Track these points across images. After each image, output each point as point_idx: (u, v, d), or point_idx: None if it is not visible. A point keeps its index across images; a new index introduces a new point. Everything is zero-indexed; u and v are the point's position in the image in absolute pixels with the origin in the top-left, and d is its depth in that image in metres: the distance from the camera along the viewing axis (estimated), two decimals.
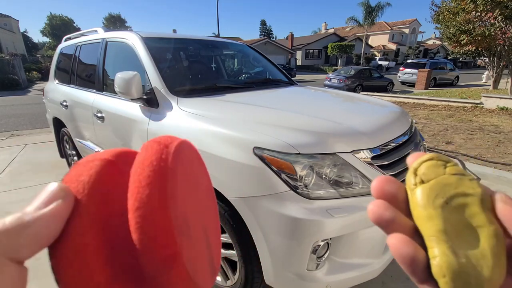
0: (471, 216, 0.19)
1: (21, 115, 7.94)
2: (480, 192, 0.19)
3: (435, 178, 0.20)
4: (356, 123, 1.40)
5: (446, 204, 0.19)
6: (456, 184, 0.20)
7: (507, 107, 6.57)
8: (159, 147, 0.21)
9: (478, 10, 8.14)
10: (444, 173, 0.20)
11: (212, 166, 1.31)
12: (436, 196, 0.20)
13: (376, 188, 0.22)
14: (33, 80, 19.81)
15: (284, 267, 1.17)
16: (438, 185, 0.20)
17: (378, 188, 0.22)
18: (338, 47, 34.05)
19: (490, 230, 0.18)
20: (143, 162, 0.20)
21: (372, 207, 0.22)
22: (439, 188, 0.20)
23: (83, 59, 2.77)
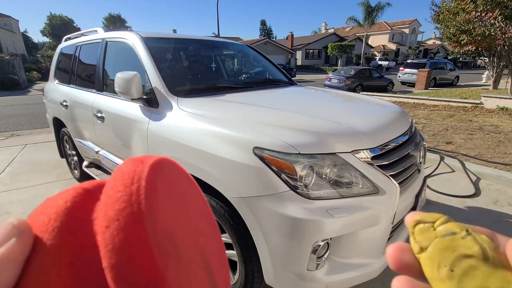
0: (484, 279, 0.17)
1: (21, 115, 7.95)
2: (478, 251, 0.18)
3: (430, 245, 0.19)
4: (356, 123, 1.40)
5: (451, 272, 0.18)
6: (451, 246, 0.18)
7: (507, 107, 6.57)
8: (134, 163, 0.19)
9: (478, 10, 8.14)
10: (436, 236, 0.19)
11: (212, 166, 1.31)
12: (438, 266, 0.18)
13: (392, 258, 0.21)
14: (33, 80, 19.81)
15: (284, 267, 1.17)
16: (435, 252, 0.19)
17: (395, 259, 0.20)
18: (338, 47, 34.04)
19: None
20: (115, 178, 0.18)
21: (398, 285, 0.20)
22: (438, 255, 0.18)
23: (83, 59, 2.77)
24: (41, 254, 0.16)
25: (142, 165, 0.19)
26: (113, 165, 2.25)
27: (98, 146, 2.44)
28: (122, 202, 0.16)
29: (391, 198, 1.24)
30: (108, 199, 0.17)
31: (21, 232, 0.16)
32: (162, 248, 0.16)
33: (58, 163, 3.76)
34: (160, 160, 0.20)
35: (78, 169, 3.07)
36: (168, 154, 1.55)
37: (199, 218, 0.24)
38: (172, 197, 0.20)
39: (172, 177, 0.21)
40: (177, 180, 0.22)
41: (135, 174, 0.18)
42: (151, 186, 0.18)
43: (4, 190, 3.02)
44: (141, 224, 0.16)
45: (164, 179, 0.19)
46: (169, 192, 0.20)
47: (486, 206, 2.60)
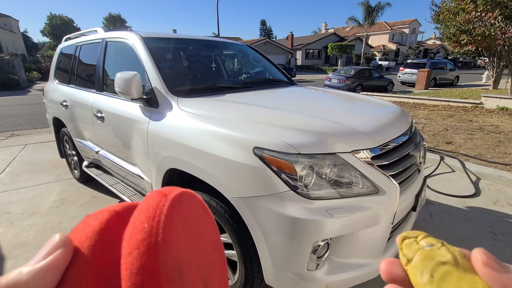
0: (457, 282, 0.20)
1: (21, 115, 7.95)
2: (451, 258, 0.21)
3: (414, 256, 0.23)
4: (356, 123, 1.40)
5: (432, 277, 0.21)
6: (430, 256, 0.22)
7: (507, 107, 6.57)
8: (158, 196, 0.22)
9: (478, 10, 8.14)
10: (419, 248, 0.23)
11: (212, 166, 1.31)
12: (421, 273, 0.21)
13: (384, 271, 0.24)
14: (33, 80, 19.80)
15: (284, 267, 1.17)
16: (418, 261, 0.22)
17: (387, 272, 0.24)
18: (338, 47, 34.02)
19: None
20: (141, 209, 0.21)
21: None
22: (420, 264, 0.22)
23: (83, 59, 2.77)
24: (77, 267, 0.19)
25: (165, 200, 0.22)
26: (113, 165, 2.25)
27: (98, 146, 2.44)
28: (144, 233, 0.19)
29: (391, 198, 1.24)
30: (133, 228, 0.20)
31: (65, 245, 0.20)
32: (170, 277, 0.19)
33: (58, 163, 3.76)
34: (180, 194, 0.23)
35: (78, 169, 3.07)
36: (168, 154, 1.55)
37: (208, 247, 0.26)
38: (186, 228, 0.23)
39: (189, 209, 0.24)
40: (194, 212, 0.25)
41: (158, 208, 0.21)
42: (168, 220, 0.20)
43: (4, 190, 3.02)
44: (155, 254, 0.18)
45: (182, 212, 0.22)
46: (184, 224, 0.22)
47: (486, 206, 2.60)
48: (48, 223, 2.41)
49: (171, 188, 0.23)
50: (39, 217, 2.49)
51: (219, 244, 0.29)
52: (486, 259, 0.20)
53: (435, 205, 2.63)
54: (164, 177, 1.62)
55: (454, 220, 2.39)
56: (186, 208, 0.23)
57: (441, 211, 2.54)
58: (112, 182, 2.39)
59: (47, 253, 0.19)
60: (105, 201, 2.77)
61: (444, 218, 2.42)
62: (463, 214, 2.48)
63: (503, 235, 2.19)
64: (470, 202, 2.69)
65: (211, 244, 0.27)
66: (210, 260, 0.26)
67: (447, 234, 2.19)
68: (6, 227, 2.35)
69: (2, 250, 2.07)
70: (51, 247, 0.20)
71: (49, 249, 0.19)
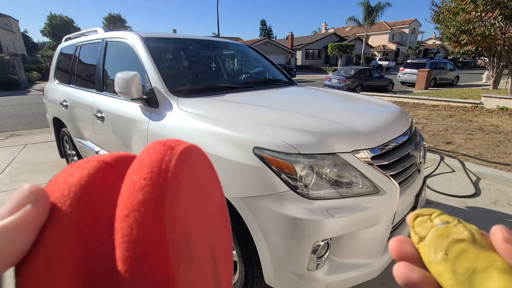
0: (474, 260, 0.19)
1: (21, 115, 7.94)
2: (468, 235, 0.20)
3: (427, 234, 0.22)
4: (356, 123, 1.40)
5: (446, 255, 0.20)
6: (446, 233, 0.21)
7: (507, 107, 6.57)
8: (162, 148, 0.18)
9: (478, 10, 8.14)
10: (433, 226, 0.22)
11: None
12: (435, 251, 0.21)
13: (394, 250, 0.23)
14: (33, 80, 19.80)
15: (284, 267, 1.17)
16: (432, 239, 0.21)
17: (397, 250, 0.23)
18: (338, 47, 34.03)
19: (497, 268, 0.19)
20: (142, 162, 0.17)
21: (398, 269, 0.22)
22: (434, 242, 0.21)
23: (83, 59, 2.77)
24: (56, 226, 0.16)
25: (171, 153, 0.18)
26: None
27: (98, 146, 2.44)
28: (146, 192, 0.16)
29: (391, 198, 1.24)
30: (132, 186, 0.16)
31: (38, 199, 0.16)
32: (177, 247, 0.16)
33: (58, 163, 3.76)
34: (188, 148, 0.20)
35: None
36: None
37: (215, 212, 0.23)
38: (194, 190, 0.19)
39: (197, 167, 0.21)
40: (201, 170, 0.21)
41: (163, 163, 0.17)
42: (176, 180, 0.17)
43: (4, 190, 3.02)
44: (161, 221, 0.15)
45: (190, 171, 0.19)
46: (192, 185, 0.19)
47: (486, 206, 2.60)
48: None
49: (175, 140, 0.20)
50: None
51: (225, 209, 0.25)
52: (508, 236, 0.19)
53: (435, 205, 2.63)
54: None
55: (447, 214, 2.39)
56: (194, 166, 0.20)
57: (441, 211, 2.53)
58: None
59: (13, 208, 0.15)
60: None
61: None
62: (463, 214, 2.47)
63: None
64: (470, 202, 2.69)
65: (218, 209, 0.24)
66: (216, 227, 0.23)
67: None
68: None
69: None
70: (19, 200, 0.15)
71: (16, 203, 0.15)
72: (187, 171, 0.18)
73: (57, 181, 0.17)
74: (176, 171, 0.17)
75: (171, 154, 0.18)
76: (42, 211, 0.16)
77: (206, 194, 0.21)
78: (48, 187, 0.17)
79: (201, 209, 0.20)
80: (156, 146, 0.19)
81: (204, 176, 0.22)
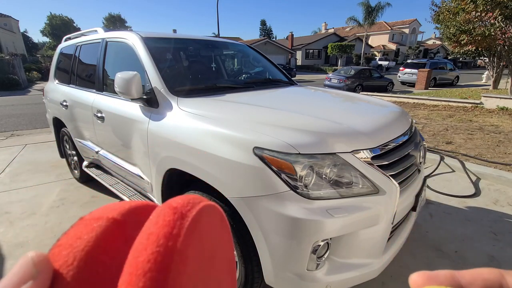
0: None
1: (21, 115, 7.95)
2: None
3: None
4: (356, 123, 1.40)
5: None
6: None
7: (507, 107, 6.57)
8: (172, 218, 0.17)
9: (478, 10, 8.14)
10: None
11: (212, 166, 1.31)
12: None
13: None
14: (33, 80, 19.80)
15: (284, 267, 1.17)
16: None
17: None
18: (338, 47, 34.02)
19: None
20: (149, 237, 0.16)
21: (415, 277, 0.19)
22: None
23: (83, 59, 2.77)
24: None
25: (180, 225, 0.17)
26: (113, 165, 2.25)
27: (98, 146, 2.44)
28: (148, 280, 0.15)
29: (391, 198, 1.24)
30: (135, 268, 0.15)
31: (40, 272, 0.15)
32: None
33: (58, 163, 3.76)
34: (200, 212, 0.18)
35: (78, 169, 3.07)
36: (168, 154, 1.55)
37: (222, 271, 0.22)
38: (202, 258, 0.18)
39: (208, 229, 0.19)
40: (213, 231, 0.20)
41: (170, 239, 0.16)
42: (182, 258, 0.16)
43: (4, 190, 3.02)
44: None
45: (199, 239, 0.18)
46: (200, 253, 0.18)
47: (486, 206, 2.60)
48: (48, 223, 2.41)
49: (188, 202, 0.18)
50: (39, 217, 2.49)
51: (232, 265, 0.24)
52: None
53: (435, 205, 2.63)
54: (164, 177, 1.62)
55: (454, 220, 2.39)
56: (205, 230, 0.19)
57: (441, 211, 2.54)
58: (112, 182, 2.39)
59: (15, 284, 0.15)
60: (105, 201, 2.77)
61: (444, 218, 2.42)
62: (463, 214, 2.48)
63: (503, 235, 2.19)
64: (470, 202, 2.69)
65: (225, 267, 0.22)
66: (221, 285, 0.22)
67: (447, 234, 2.19)
68: (6, 227, 2.35)
69: (2, 250, 2.07)
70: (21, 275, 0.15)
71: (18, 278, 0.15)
72: (196, 241, 0.17)
73: (63, 243, 0.17)
74: (183, 249, 0.16)
75: (180, 227, 0.17)
76: (43, 285, 0.15)
77: (215, 255, 0.20)
78: (54, 250, 0.17)
79: (207, 274, 0.19)
80: (166, 214, 0.17)
81: (214, 235, 0.21)
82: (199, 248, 0.18)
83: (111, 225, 0.18)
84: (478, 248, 2.04)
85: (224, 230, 0.23)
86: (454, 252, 2.00)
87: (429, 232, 2.22)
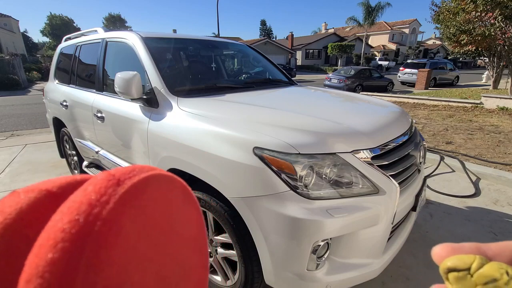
0: None
1: (21, 115, 7.94)
2: None
3: None
4: (356, 123, 1.40)
5: None
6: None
7: (507, 107, 6.57)
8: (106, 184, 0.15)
9: (478, 10, 8.14)
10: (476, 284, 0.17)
11: (212, 166, 1.31)
12: None
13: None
14: (33, 80, 19.80)
15: (284, 267, 1.17)
16: None
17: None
18: (338, 47, 34.03)
19: None
20: (71, 205, 0.14)
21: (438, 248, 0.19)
22: None
23: (83, 59, 2.77)
24: None
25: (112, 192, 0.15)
26: (113, 165, 2.25)
27: (98, 146, 2.44)
28: (58, 250, 0.12)
29: (391, 198, 1.24)
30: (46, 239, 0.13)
31: None
32: None
33: (58, 163, 3.76)
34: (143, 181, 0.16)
35: (78, 169, 3.07)
36: (168, 154, 1.55)
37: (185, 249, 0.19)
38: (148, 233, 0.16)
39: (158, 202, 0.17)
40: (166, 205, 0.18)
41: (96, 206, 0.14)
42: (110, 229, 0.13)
43: (4, 190, 3.02)
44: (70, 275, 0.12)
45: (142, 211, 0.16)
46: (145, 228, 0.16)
47: (486, 206, 2.60)
48: None
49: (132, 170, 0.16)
50: None
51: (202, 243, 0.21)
52: None
53: (435, 205, 2.63)
54: None
55: (454, 220, 2.39)
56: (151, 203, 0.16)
57: (441, 211, 2.54)
58: None
59: None
60: None
61: (444, 218, 2.42)
62: (463, 214, 2.48)
63: (503, 235, 2.19)
64: (470, 202, 2.69)
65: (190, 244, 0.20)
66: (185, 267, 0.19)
67: (447, 234, 2.19)
68: None
69: None
70: None
71: None
72: (136, 211, 0.15)
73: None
74: (113, 217, 0.14)
75: (111, 193, 0.15)
76: None
77: (171, 231, 0.18)
78: None
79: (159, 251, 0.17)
80: (99, 181, 0.15)
81: (171, 209, 0.18)
82: (141, 220, 0.15)
83: (42, 197, 0.16)
84: None
85: (188, 205, 0.20)
86: None
87: (429, 232, 2.22)
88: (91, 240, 0.13)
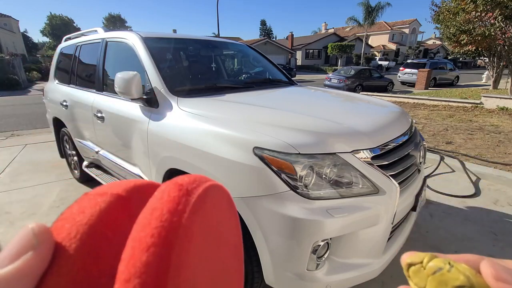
0: None
1: (21, 115, 7.95)
2: (465, 280, 0.20)
3: (426, 285, 0.21)
4: (356, 123, 1.40)
5: None
6: (443, 281, 0.20)
7: (507, 107, 6.57)
8: (177, 194, 0.17)
9: (478, 10, 8.14)
10: (428, 274, 0.21)
11: (212, 166, 1.31)
12: None
13: None
14: (33, 80, 19.79)
15: (284, 267, 1.17)
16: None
17: None
18: (338, 47, 34.03)
19: None
20: (152, 212, 0.16)
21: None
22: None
23: (83, 59, 2.77)
24: (57, 276, 0.15)
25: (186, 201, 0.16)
26: (113, 165, 2.25)
27: (98, 146, 2.44)
28: (151, 254, 0.14)
29: (391, 198, 1.24)
30: (138, 243, 0.15)
31: (41, 243, 0.15)
32: None
33: (58, 163, 3.76)
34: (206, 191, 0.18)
35: (78, 169, 3.07)
36: (168, 154, 1.55)
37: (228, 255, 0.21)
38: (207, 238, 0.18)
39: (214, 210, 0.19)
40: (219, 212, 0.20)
41: (175, 214, 0.16)
42: (187, 235, 0.15)
43: (4, 190, 3.02)
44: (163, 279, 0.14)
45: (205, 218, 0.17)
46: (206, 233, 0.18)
47: (486, 206, 2.60)
48: (48, 223, 2.36)
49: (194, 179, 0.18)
50: (39, 217, 2.49)
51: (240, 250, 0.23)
52: (496, 272, 0.18)
53: (435, 205, 2.63)
54: (164, 177, 1.62)
55: (454, 220, 2.39)
56: (210, 210, 0.18)
57: (441, 211, 2.54)
58: None
59: (13, 255, 0.14)
60: None
61: (444, 218, 2.42)
62: (463, 214, 2.48)
63: (503, 235, 2.19)
64: (470, 202, 2.69)
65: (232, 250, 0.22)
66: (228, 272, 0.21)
67: (447, 234, 2.19)
68: (6, 227, 2.35)
69: None
70: (21, 246, 0.14)
71: (17, 249, 0.14)
72: (201, 219, 0.17)
73: (67, 217, 0.17)
74: (188, 225, 0.16)
75: (185, 203, 0.16)
76: (44, 256, 0.15)
77: (221, 237, 0.20)
78: (57, 224, 0.16)
79: (212, 255, 0.19)
80: (171, 190, 0.17)
81: (221, 217, 0.20)
82: (204, 227, 0.17)
83: (115, 200, 0.18)
84: (478, 248, 2.04)
85: (231, 214, 0.22)
86: (454, 252, 2.00)
87: (429, 232, 2.22)
88: (177, 245, 0.15)
